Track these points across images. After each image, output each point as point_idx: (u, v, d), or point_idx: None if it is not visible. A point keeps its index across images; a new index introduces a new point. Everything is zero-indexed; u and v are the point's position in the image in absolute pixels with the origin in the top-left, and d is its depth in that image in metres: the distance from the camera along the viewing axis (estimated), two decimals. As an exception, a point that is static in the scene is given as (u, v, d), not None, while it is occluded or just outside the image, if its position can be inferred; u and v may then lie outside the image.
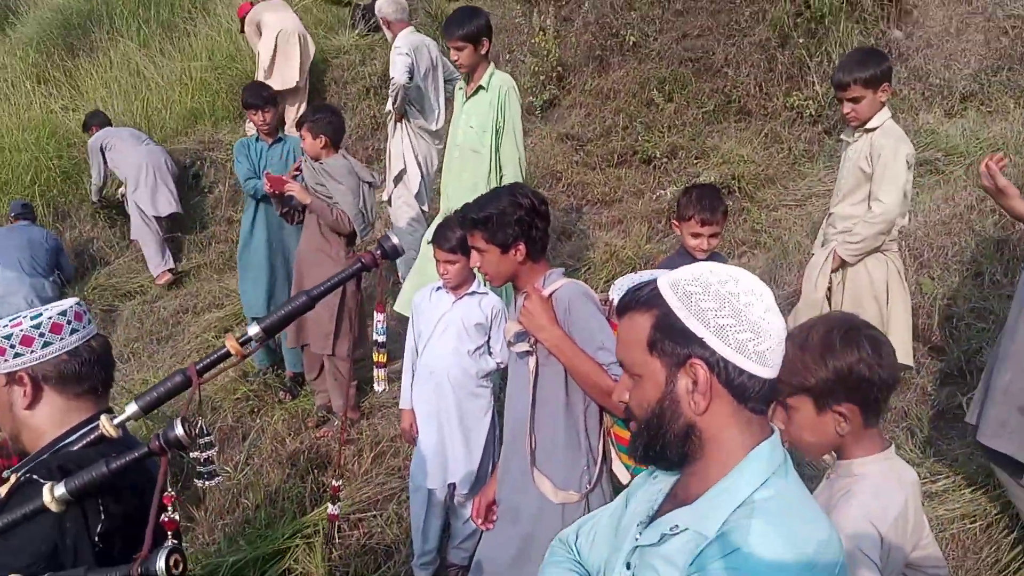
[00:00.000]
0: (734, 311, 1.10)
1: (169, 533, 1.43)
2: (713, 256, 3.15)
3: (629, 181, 6.01)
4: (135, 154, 6.43)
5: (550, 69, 7.00)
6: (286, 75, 7.09)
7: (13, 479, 1.52)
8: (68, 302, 1.67)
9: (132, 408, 1.52)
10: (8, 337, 1.57)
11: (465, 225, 2.37)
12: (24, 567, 1.32)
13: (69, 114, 8.31)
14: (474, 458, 3.27)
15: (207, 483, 1.72)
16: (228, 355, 1.59)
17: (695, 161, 5.95)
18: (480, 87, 4.00)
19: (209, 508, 4.00)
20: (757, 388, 1.12)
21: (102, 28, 9.85)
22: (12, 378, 1.60)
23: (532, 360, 2.34)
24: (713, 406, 1.12)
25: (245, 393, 4.67)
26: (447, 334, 3.24)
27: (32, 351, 1.58)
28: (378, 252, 1.76)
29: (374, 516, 3.72)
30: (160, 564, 1.26)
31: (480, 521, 2.59)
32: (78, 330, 1.63)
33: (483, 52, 3.97)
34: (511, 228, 2.27)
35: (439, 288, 3.33)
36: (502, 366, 3.32)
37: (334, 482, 2.23)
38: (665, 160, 5.98)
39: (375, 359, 2.22)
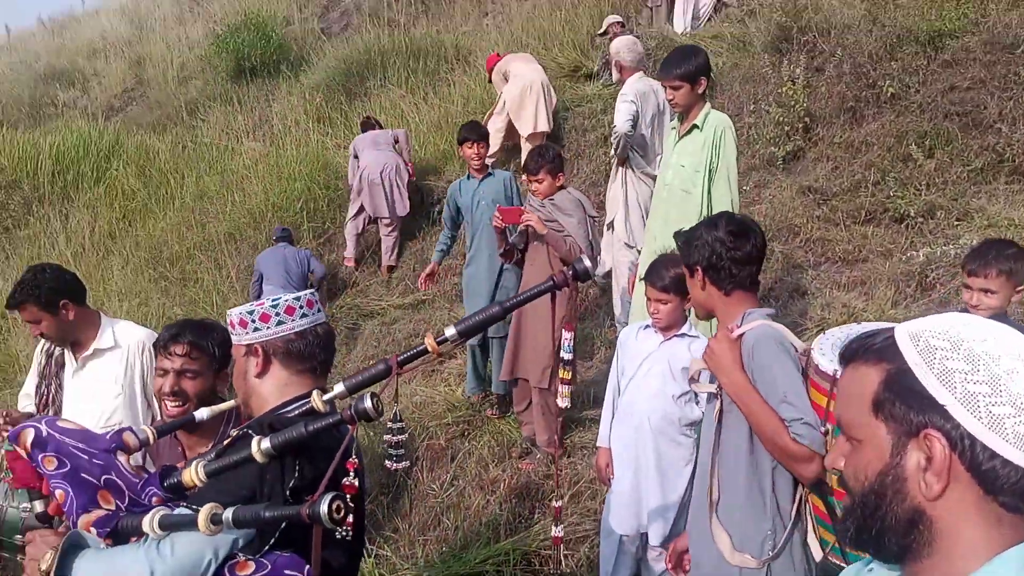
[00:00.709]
0: (991, 377, 0.88)
1: (347, 496, 1.51)
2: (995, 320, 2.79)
3: (876, 240, 5.54)
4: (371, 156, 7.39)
5: (796, 120, 6.68)
6: (529, 121, 7.44)
7: (236, 434, 1.71)
8: (303, 292, 1.89)
9: (339, 387, 1.69)
10: (251, 313, 1.81)
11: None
12: (224, 506, 1.46)
13: (340, 151, 9.27)
14: (670, 509, 3.12)
15: (395, 465, 1.87)
16: (426, 351, 1.71)
17: (956, 223, 5.36)
18: (695, 126, 3.91)
19: (413, 522, 4.17)
20: (1013, 479, 0.87)
21: (376, 76, 10.95)
22: (250, 349, 1.83)
23: (717, 404, 2.21)
24: (950, 492, 0.90)
25: (455, 420, 4.83)
26: (651, 375, 3.16)
27: (268, 327, 1.81)
28: (570, 273, 1.79)
29: (565, 556, 3.66)
30: (324, 508, 1.37)
31: (672, 567, 2.47)
32: (308, 315, 1.84)
33: (700, 91, 3.89)
34: (694, 251, 2.22)
35: (647, 327, 3.26)
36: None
37: (555, 503, 2.26)
38: (920, 220, 5.45)
39: (560, 375, 2.24)
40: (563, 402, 2.31)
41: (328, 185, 8.52)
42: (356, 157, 7.74)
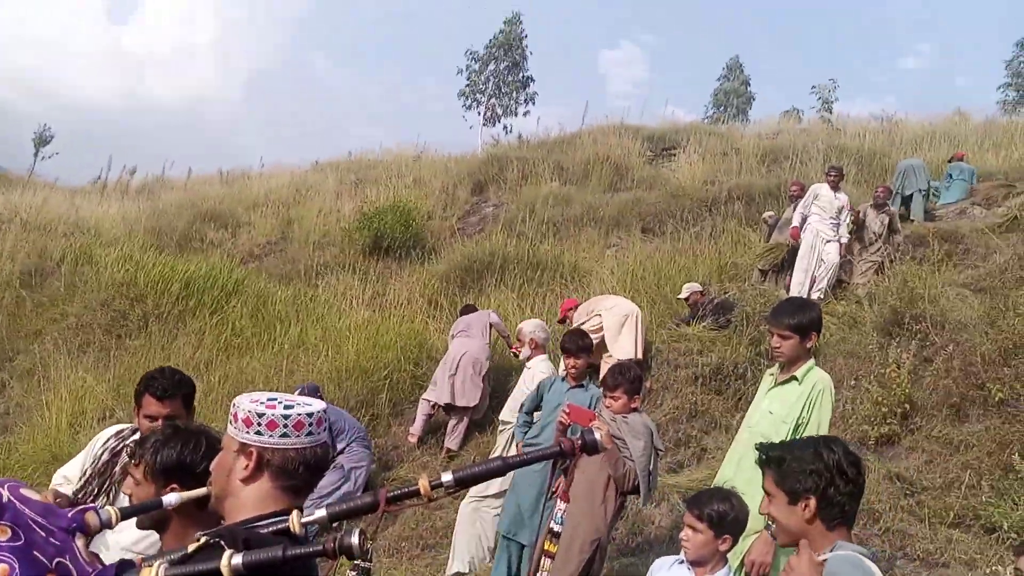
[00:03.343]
0: None
1: None
2: None
3: (962, 547, 5.04)
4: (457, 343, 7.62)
5: (896, 404, 6.41)
6: (627, 347, 7.50)
7: (204, 540, 1.59)
8: (317, 406, 1.79)
9: (321, 513, 1.63)
10: (260, 415, 1.70)
11: (760, 462, 2.22)
12: None
13: (440, 335, 9.56)
14: None
15: None
16: (417, 493, 1.64)
17: (1055, 549, 4.83)
18: (794, 377, 3.78)
19: None
20: None
21: (493, 276, 11.50)
22: (244, 450, 1.72)
23: None
24: None
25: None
26: (672, 614, 2.88)
27: (272, 435, 1.70)
28: (578, 442, 1.72)
29: None
30: None
31: None
32: (313, 434, 1.74)
33: (807, 346, 3.79)
34: (806, 478, 2.06)
35: (682, 562, 3.03)
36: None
37: None
38: (1014, 536, 4.95)
39: (546, 547, 2.08)
40: None
41: (418, 363, 8.71)
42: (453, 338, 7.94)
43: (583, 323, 7.75)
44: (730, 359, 7.82)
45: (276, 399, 1.75)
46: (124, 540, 2.59)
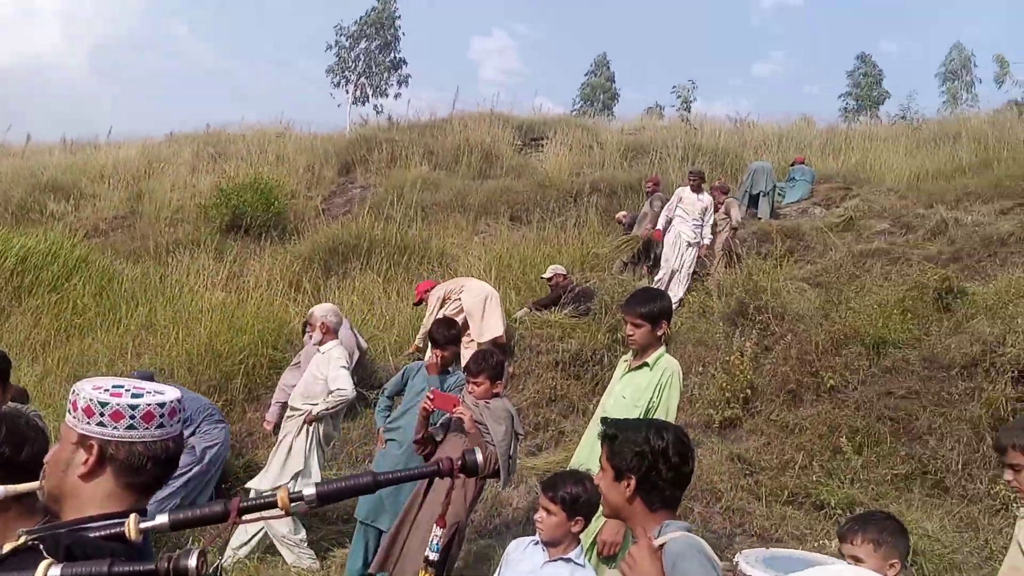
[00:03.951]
0: None
1: None
2: None
3: (793, 522, 5.45)
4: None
5: (739, 389, 6.84)
6: (491, 326, 7.59)
7: (23, 539, 1.42)
8: (171, 395, 1.63)
9: (162, 519, 1.45)
10: (104, 404, 1.53)
11: (600, 435, 2.27)
12: None
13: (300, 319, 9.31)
14: None
15: None
16: (274, 505, 1.49)
17: (873, 522, 5.32)
18: (645, 364, 3.95)
19: None
20: None
21: (359, 260, 11.31)
22: (83, 442, 1.55)
23: None
24: None
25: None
26: (526, 595, 2.95)
27: (116, 427, 1.53)
28: (458, 463, 1.60)
29: None
30: None
31: None
32: (164, 426, 1.58)
33: (658, 333, 3.97)
34: (631, 458, 2.12)
35: (538, 543, 3.10)
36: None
37: None
38: (839, 511, 5.40)
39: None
40: None
41: (276, 347, 8.45)
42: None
43: (443, 308, 7.79)
44: (589, 345, 8.07)
45: (122, 386, 1.57)
46: None
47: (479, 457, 1.61)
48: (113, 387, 1.56)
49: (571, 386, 7.72)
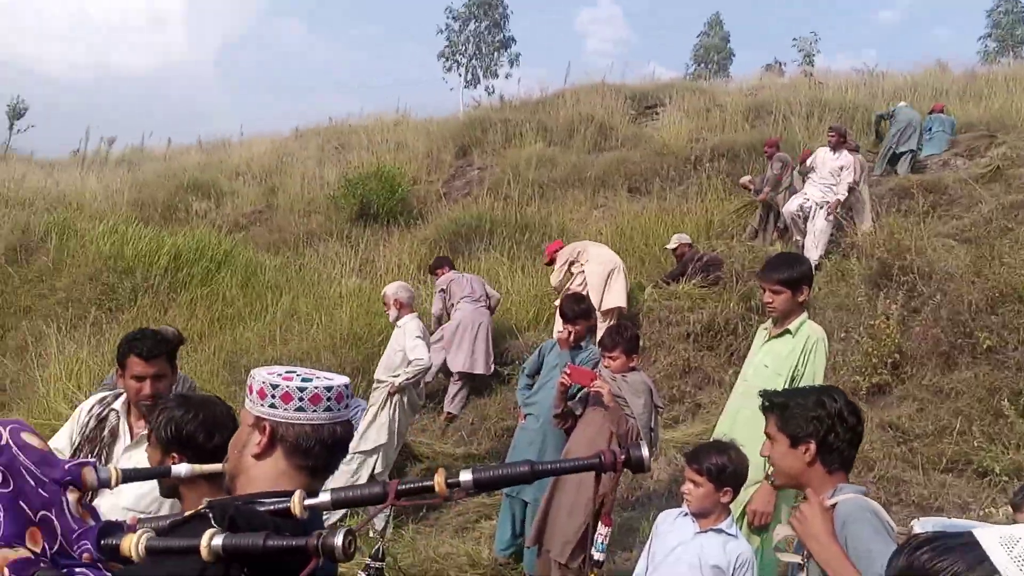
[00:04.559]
0: None
1: None
2: None
3: (955, 490, 5.19)
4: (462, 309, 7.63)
5: (886, 354, 6.53)
6: (615, 296, 7.59)
7: (203, 507, 1.51)
8: (339, 380, 1.67)
9: (325, 497, 1.51)
10: (275, 387, 1.60)
11: (763, 407, 2.31)
12: None
13: (431, 299, 9.60)
14: None
15: None
16: (431, 490, 1.51)
17: (1044, 489, 4.98)
18: (787, 331, 3.83)
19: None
20: None
21: (481, 240, 11.50)
22: (258, 423, 1.63)
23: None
24: None
25: (476, 575, 4.60)
26: (678, 566, 2.97)
27: (286, 409, 1.60)
28: (622, 456, 1.52)
29: None
30: None
31: None
32: (331, 409, 1.63)
33: (800, 299, 3.84)
34: (808, 424, 2.15)
35: (687, 514, 3.10)
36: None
37: None
38: (1005, 479, 5.09)
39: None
40: None
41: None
42: (444, 292, 7.98)
43: (570, 271, 7.84)
44: (721, 315, 7.91)
45: (294, 371, 1.65)
46: (124, 501, 2.60)
47: (645, 453, 1.51)
48: (286, 372, 1.65)
49: (704, 358, 7.60)
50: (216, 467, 1.83)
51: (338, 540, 1.29)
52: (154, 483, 2.55)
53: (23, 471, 1.50)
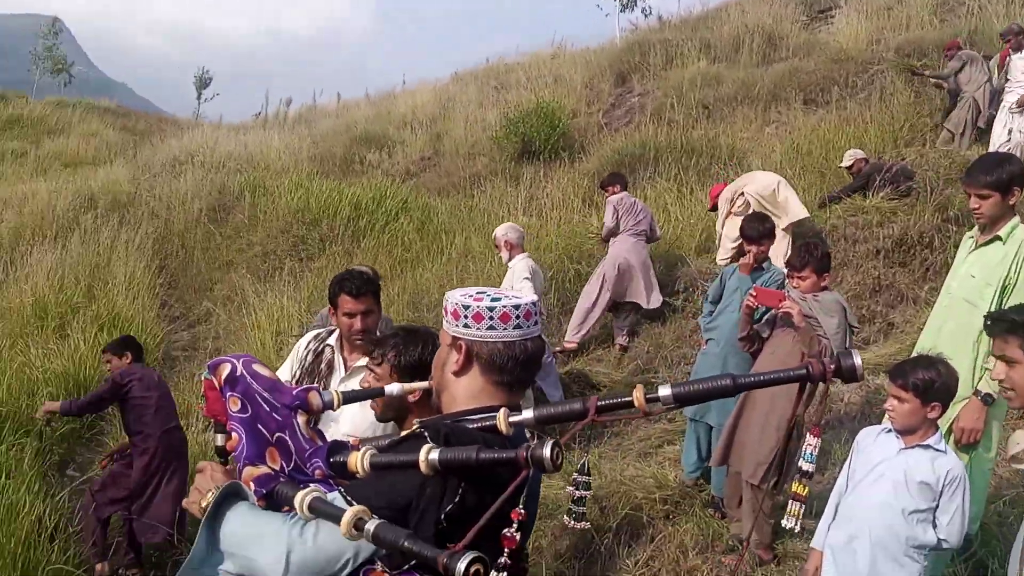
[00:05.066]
0: None
1: (505, 550, 1.38)
2: None
3: None
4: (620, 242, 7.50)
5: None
6: (793, 209, 7.24)
7: (413, 429, 1.62)
8: (527, 298, 1.73)
9: (528, 414, 1.59)
10: (466, 307, 1.68)
11: (997, 328, 2.15)
12: (376, 508, 1.38)
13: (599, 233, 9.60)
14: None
15: (573, 524, 1.72)
16: (630, 405, 1.53)
17: None
18: (996, 238, 3.51)
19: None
20: None
21: (646, 169, 11.26)
22: (454, 343, 1.72)
23: None
24: None
25: (662, 498, 4.66)
26: (881, 483, 2.86)
27: (478, 328, 1.67)
28: (832, 366, 1.46)
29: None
30: (461, 566, 1.22)
31: None
32: (521, 327, 1.68)
33: (1011, 202, 3.51)
34: None
35: (890, 431, 2.97)
36: (947, 546, 2.79)
37: None
38: None
39: (794, 489, 1.96)
40: (789, 522, 2.04)
41: (579, 261, 8.79)
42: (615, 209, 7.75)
43: (732, 208, 7.57)
44: (914, 228, 7.36)
45: (484, 292, 1.73)
46: (343, 428, 2.84)
47: (857, 361, 1.45)
48: (476, 293, 1.72)
49: (896, 274, 7.13)
50: (423, 384, 1.97)
51: (546, 452, 1.34)
52: (370, 412, 2.79)
53: (258, 398, 1.68)
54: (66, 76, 38.17)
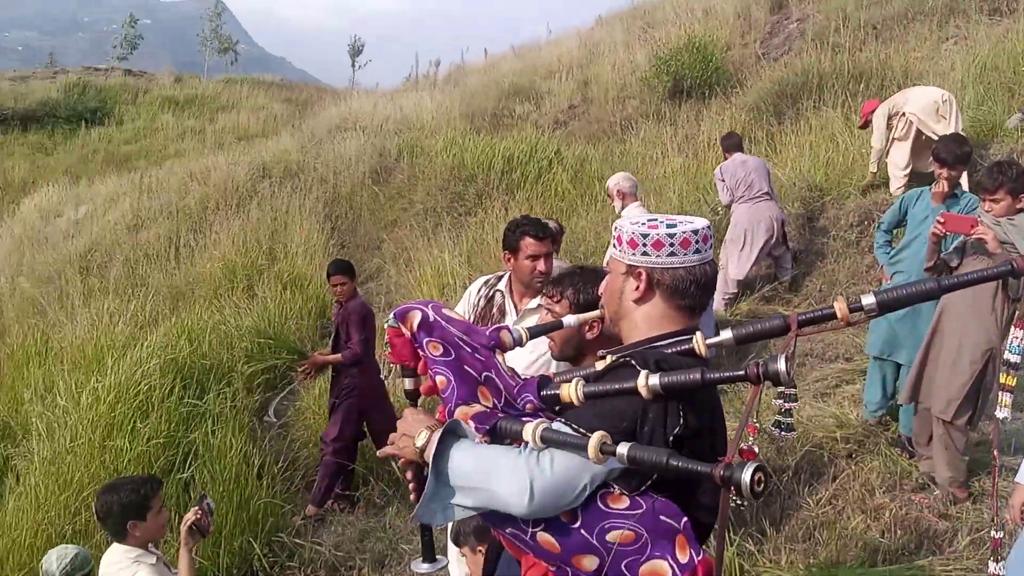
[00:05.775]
0: None
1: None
2: None
3: None
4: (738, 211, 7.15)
5: None
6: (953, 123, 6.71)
7: (610, 359, 1.67)
8: (700, 222, 1.72)
9: (727, 335, 1.59)
10: (644, 236, 1.67)
11: None
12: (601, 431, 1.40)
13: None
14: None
15: (782, 433, 1.73)
16: (833, 316, 1.52)
17: None
18: None
19: (782, 530, 4.01)
20: None
21: (810, 98, 10.65)
22: (632, 271, 1.71)
23: None
24: None
25: (844, 437, 4.52)
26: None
27: (659, 255, 1.66)
28: None
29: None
30: (746, 476, 1.24)
31: None
32: (700, 251, 1.68)
33: None
34: None
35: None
36: None
37: (994, 533, 2.04)
38: None
39: (1003, 381, 1.89)
40: (1001, 412, 1.97)
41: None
42: (723, 180, 7.31)
43: (895, 134, 7.06)
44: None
45: (657, 219, 1.72)
46: (518, 366, 2.95)
47: None
48: (649, 220, 1.72)
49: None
50: (595, 313, 2.00)
51: (780, 365, 1.36)
52: (542, 351, 2.88)
53: (458, 340, 1.74)
54: (232, 54, 40.83)
